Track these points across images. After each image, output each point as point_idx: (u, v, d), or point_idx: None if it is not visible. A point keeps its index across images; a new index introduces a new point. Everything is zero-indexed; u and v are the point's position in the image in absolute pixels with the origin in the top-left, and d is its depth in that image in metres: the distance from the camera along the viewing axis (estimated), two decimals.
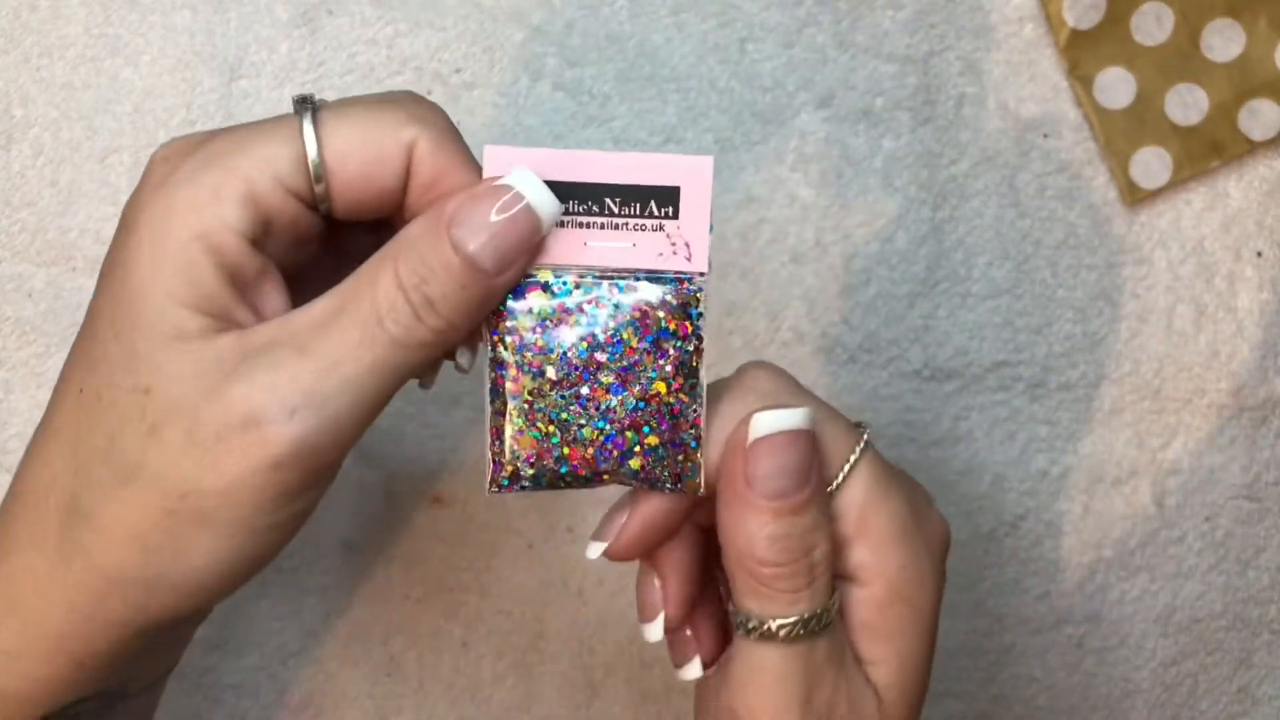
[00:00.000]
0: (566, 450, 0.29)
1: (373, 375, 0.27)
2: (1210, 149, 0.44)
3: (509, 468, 0.29)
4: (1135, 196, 0.44)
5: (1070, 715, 0.46)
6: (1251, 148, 0.44)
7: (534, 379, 0.29)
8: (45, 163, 0.43)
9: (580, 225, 0.29)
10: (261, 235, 0.28)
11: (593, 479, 0.30)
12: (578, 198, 0.28)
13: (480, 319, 0.29)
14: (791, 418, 0.29)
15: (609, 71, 0.44)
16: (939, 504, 0.33)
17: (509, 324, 0.29)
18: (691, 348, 0.29)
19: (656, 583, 0.32)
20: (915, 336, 0.44)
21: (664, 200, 0.29)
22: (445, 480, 0.44)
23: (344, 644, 0.44)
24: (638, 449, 0.29)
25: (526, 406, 0.29)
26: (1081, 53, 0.44)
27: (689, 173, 0.29)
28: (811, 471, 0.29)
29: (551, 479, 0.30)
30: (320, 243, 0.30)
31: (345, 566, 0.44)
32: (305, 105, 0.28)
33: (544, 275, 0.29)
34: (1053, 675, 0.45)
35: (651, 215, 0.29)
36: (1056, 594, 0.45)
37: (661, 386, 0.29)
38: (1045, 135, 0.44)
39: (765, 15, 0.44)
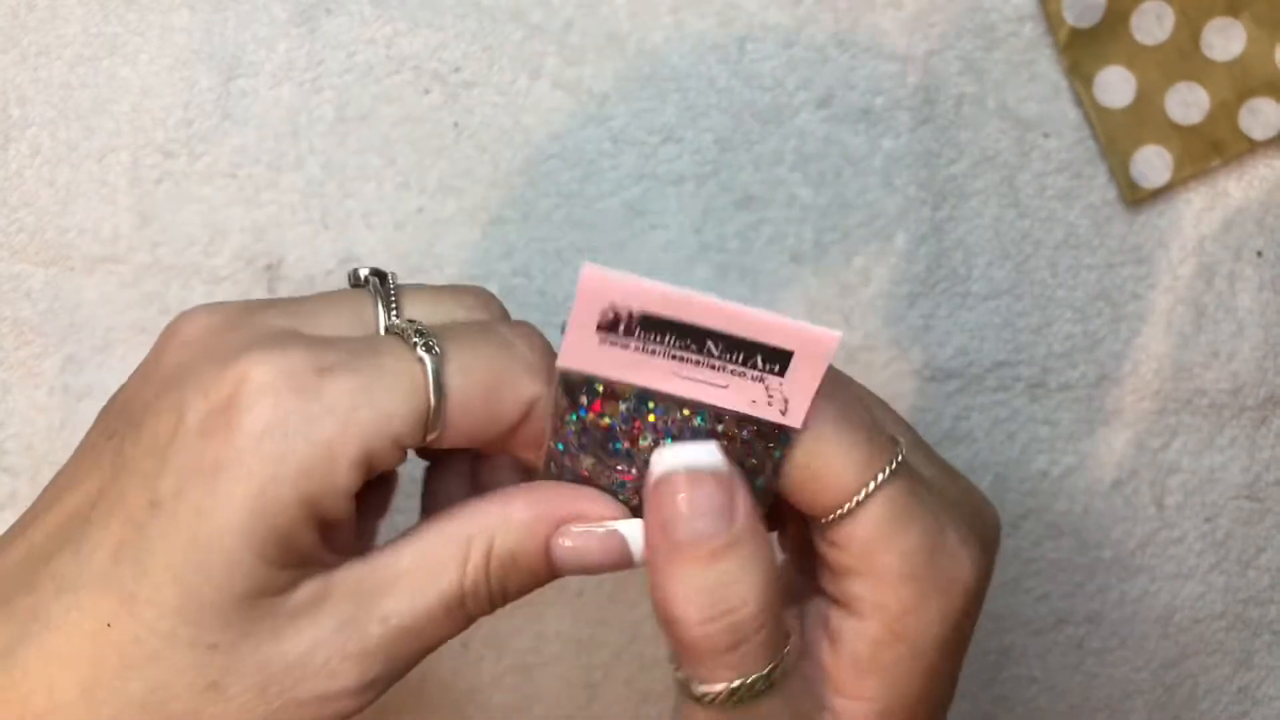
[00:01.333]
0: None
1: (440, 642, 0.28)
2: (1211, 148, 0.44)
3: None
4: (1135, 196, 0.44)
5: (1071, 716, 0.45)
6: (1252, 147, 0.44)
7: (594, 466, 0.28)
8: (43, 162, 0.43)
9: (674, 358, 0.26)
10: (363, 485, 0.26)
11: None
12: (676, 333, 0.26)
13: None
14: (693, 455, 0.27)
15: (608, 70, 0.44)
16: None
17: (580, 418, 0.27)
18: (764, 487, 0.28)
19: None
20: (915, 336, 0.44)
21: (773, 358, 0.26)
22: None
23: None
24: None
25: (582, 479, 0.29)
26: (1081, 52, 0.44)
27: (810, 343, 0.26)
28: (721, 515, 0.26)
29: None
30: None
31: None
32: (429, 346, 0.26)
33: (624, 389, 0.27)
34: (1053, 676, 0.45)
35: (755, 367, 0.26)
36: (1057, 594, 0.45)
37: None
38: (1045, 135, 0.44)
39: (765, 15, 0.44)
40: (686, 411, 0.27)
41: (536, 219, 0.43)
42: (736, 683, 0.27)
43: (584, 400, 0.27)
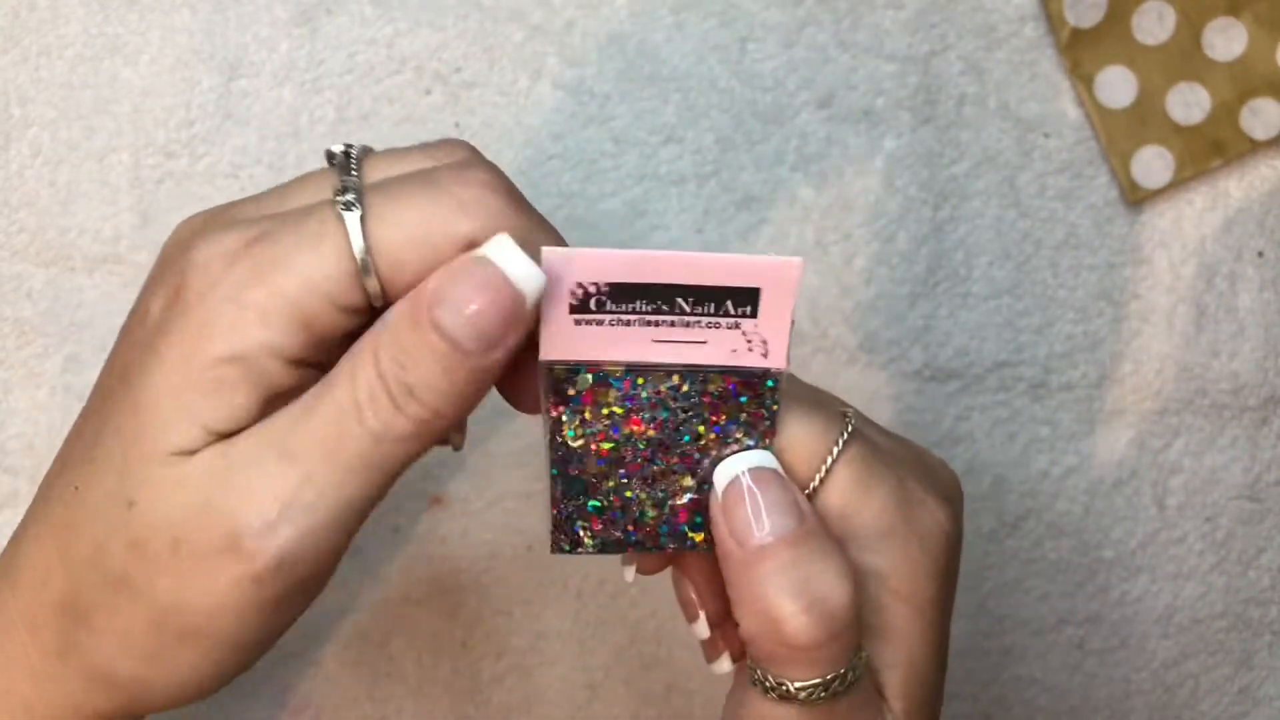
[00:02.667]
0: (630, 525, 0.29)
1: (353, 476, 0.26)
2: (1212, 148, 0.44)
3: (568, 537, 0.29)
4: (1137, 196, 0.44)
5: (1071, 716, 0.45)
6: (1253, 147, 0.44)
7: (596, 463, 0.28)
8: (44, 162, 0.43)
9: (648, 324, 0.26)
10: (308, 353, 0.26)
11: (655, 549, 0.29)
12: (645, 297, 0.26)
13: (471, 405, 0.26)
14: (749, 460, 0.28)
15: (609, 71, 0.44)
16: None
17: (572, 410, 0.28)
18: (761, 439, 0.28)
19: (689, 585, 0.32)
20: (916, 337, 0.44)
21: (742, 300, 0.26)
22: (445, 480, 0.44)
23: (343, 645, 0.44)
24: (700, 524, 0.29)
25: (589, 486, 0.29)
26: (1083, 52, 0.44)
27: (774, 274, 0.26)
28: (790, 509, 0.27)
29: (614, 547, 0.29)
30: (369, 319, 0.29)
31: (345, 567, 0.44)
32: (349, 204, 0.26)
33: (612, 369, 0.27)
34: (1054, 676, 0.45)
35: (727, 314, 0.26)
36: (1057, 595, 0.45)
37: None
38: (1046, 135, 0.44)
39: (766, 15, 0.44)
40: (676, 378, 0.27)
41: None
42: (830, 675, 0.27)
43: (572, 393, 0.27)
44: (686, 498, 0.29)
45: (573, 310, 0.26)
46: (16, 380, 0.43)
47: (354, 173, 0.27)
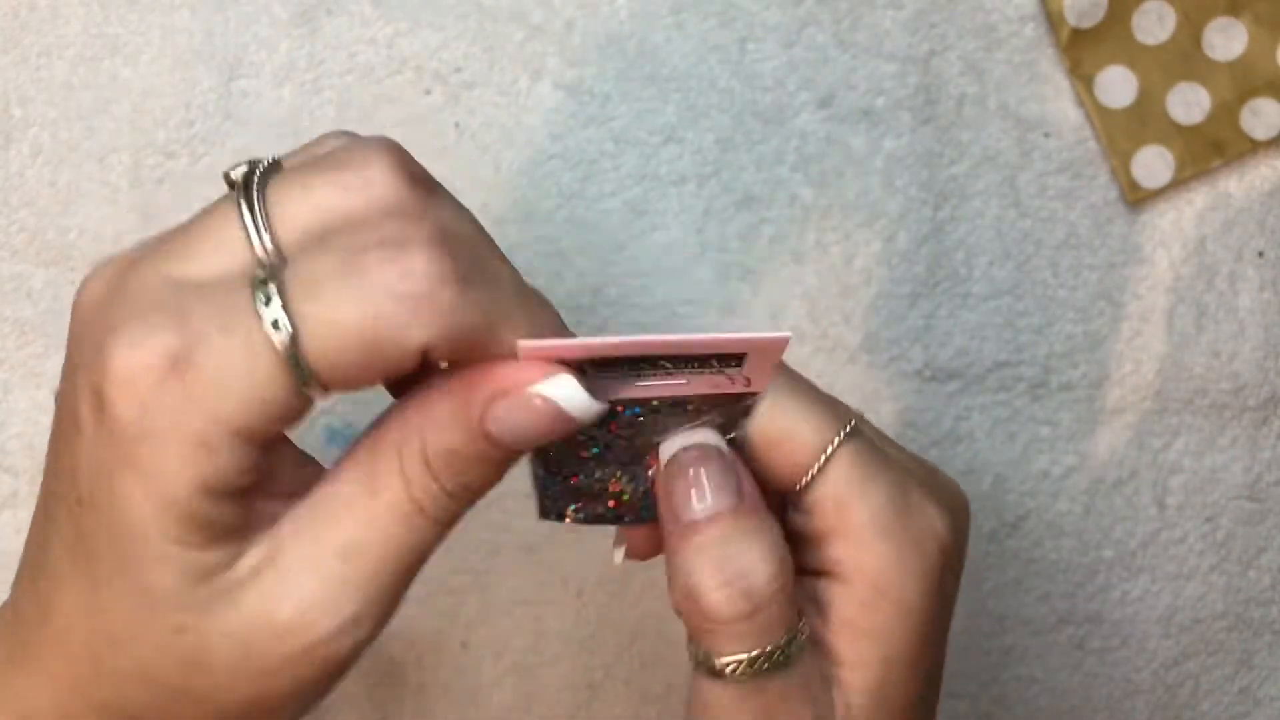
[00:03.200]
0: (611, 503, 0.30)
1: (418, 559, 0.26)
2: (1212, 148, 0.44)
3: (556, 510, 0.30)
4: (1137, 196, 0.44)
5: (1072, 716, 0.45)
6: (1254, 147, 0.44)
7: (575, 464, 0.29)
8: (44, 163, 0.43)
9: (630, 376, 0.26)
10: (260, 456, 0.25)
11: (639, 521, 0.30)
12: (629, 364, 0.26)
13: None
14: (691, 438, 0.28)
15: (609, 71, 0.44)
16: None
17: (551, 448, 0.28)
18: (734, 439, 0.29)
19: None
20: (916, 336, 0.44)
21: (726, 360, 0.26)
22: None
23: None
24: None
25: (567, 477, 0.29)
26: (1083, 52, 0.44)
27: (760, 348, 0.26)
28: (727, 488, 0.28)
29: (598, 521, 0.30)
30: None
31: None
32: (275, 323, 0.23)
33: None
34: (1054, 676, 0.45)
35: (710, 369, 0.26)
36: (1057, 595, 0.45)
37: None
38: (1046, 135, 0.44)
39: (765, 15, 0.44)
40: (655, 402, 0.27)
41: (538, 219, 0.43)
42: (755, 652, 0.27)
43: None
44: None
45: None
46: (17, 380, 0.43)
47: (260, 217, 0.25)
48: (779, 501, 0.30)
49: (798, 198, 0.44)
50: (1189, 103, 0.44)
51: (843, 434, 0.29)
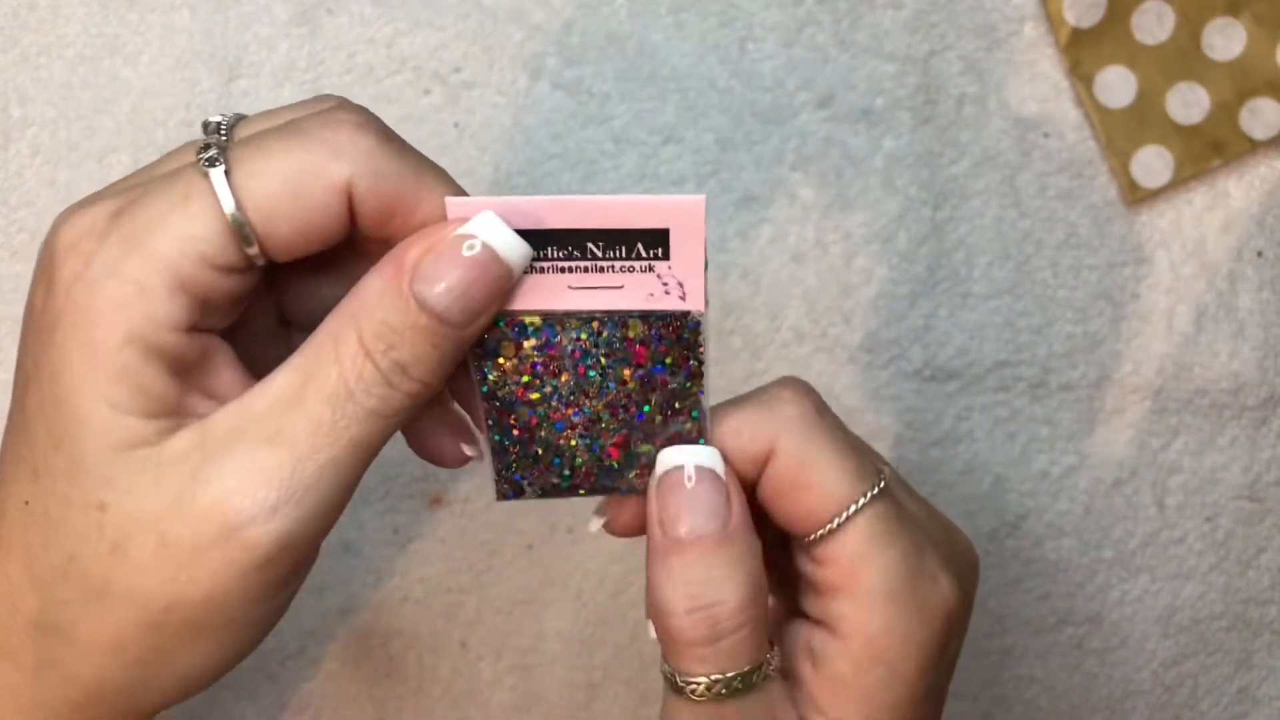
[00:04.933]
0: (567, 471, 0.29)
1: (352, 453, 0.26)
2: (1211, 148, 0.44)
3: (510, 485, 0.30)
4: (1136, 196, 0.44)
5: (1071, 716, 0.45)
6: (1253, 147, 0.44)
7: (527, 413, 0.29)
8: (43, 162, 0.43)
9: (561, 270, 0.27)
10: (199, 318, 0.26)
11: (595, 491, 0.30)
12: (556, 244, 0.26)
13: (451, 371, 0.27)
14: (696, 455, 0.28)
15: (609, 71, 0.44)
16: (955, 520, 0.32)
17: (497, 364, 0.28)
18: (689, 381, 0.29)
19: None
20: (916, 336, 0.44)
21: (652, 242, 0.26)
22: (445, 480, 0.44)
23: (343, 645, 0.44)
24: (637, 468, 0.29)
25: (524, 437, 0.29)
26: (1082, 52, 0.44)
27: (678, 214, 0.26)
28: (716, 514, 0.27)
29: (554, 493, 0.30)
30: (262, 277, 0.28)
31: (345, 567, 0.44)
32: (212, 160, 0.25)
33: (530, 320, 0.27)
34: (1054, 676, 0.45)
35: (639, 257, 0.27)
36: (1057, 595, 0.45)
37: (659, 416, 0.29)
38: (1046, 135, 0.44)
39: (765, 15, 0.44)
40: (595, 324, 0.27)
41: None
42: (714, 676, 0.27)
43: (492, 345, 0.27)
44: (616, 444, 0.29)
45: None
46: None
47: (223, 135, 0.27)
48: (780, 537, 0.30)
49: (798, 198, 0.44)
50: (1188, 103, 0.44)
51: (870, 495, 0.28)
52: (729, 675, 0.27)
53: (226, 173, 0.25)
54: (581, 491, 0.30)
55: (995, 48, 0.44)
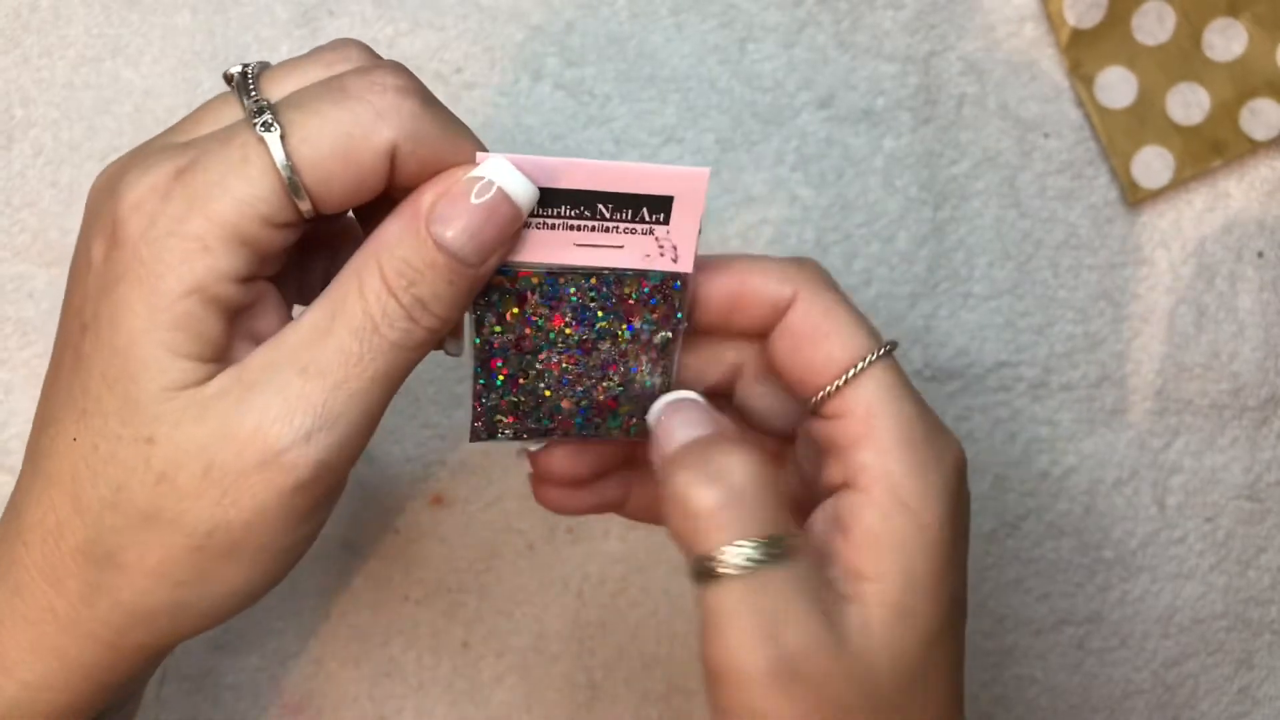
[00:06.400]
0: (545, 417, 0.32)
1: (377, 384, 0.28)
2: (1212, 149, 0.44)
3: (489, 427, 0.32)
4: (1137, 196, 0.44)
5: (1071, 716, 0.45)
6: (1253, 147, 0.44)
7: (519, 360, 0.30)
8: (46, 163, 0.43)
9: (570, 228, 0.29)
10: (256, 268, 0.28)
11: (568, 437, 0.32)
12: (570, 202, 0.28)
13: (466, 307, 0.29)
14: (682, 394, 0.31)
15: (609, 71, 0.44)
16: None
17: (494, 310, 0.30)
18: (671, 337, 0.31)
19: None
20: (916, 337, 0.44)
21: (656, 208, 0.29)
22: (445, 480, 0.44)
23: (344, 645, 0.44)
24: (613, 417, 0.32)
25: (509, 381, 0.31)
26: (1083, 52, 0.44)
27: (685, 183, 0.29)
28: (707, 422, 0.30)
29: (530, 435, 0.32)
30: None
31: (345, 567, 0.44)
32: (267, 125, 0.27)
33: (535, 276, 0.30)
34: (1054, 676, 0.45)
35: (643, 220, 0.29)
36: (1057, 595, 0.45)
37: (644, 369, 0.31)
38: (1046, 135, 0.44)
39: (765, 15, 0.44)
40: (594, 279, 0.30)
41: None
42: (739, 543, 0.28)
43: (495, 296, 0.29)
44: (605, 394, 0.32)
45: None
46: (18, 381, 0.43)
47: (253, 91, 0.28)
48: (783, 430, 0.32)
49: (798, 198, 0.44)
50: (1189, 103, 0.44)
51: (882, 350, 0.30)
52: (753, 542, 0.28)
53: (282, 137, 0.27)
54: (558, 434, 0.32)
55: (995, 48, 0.44)
